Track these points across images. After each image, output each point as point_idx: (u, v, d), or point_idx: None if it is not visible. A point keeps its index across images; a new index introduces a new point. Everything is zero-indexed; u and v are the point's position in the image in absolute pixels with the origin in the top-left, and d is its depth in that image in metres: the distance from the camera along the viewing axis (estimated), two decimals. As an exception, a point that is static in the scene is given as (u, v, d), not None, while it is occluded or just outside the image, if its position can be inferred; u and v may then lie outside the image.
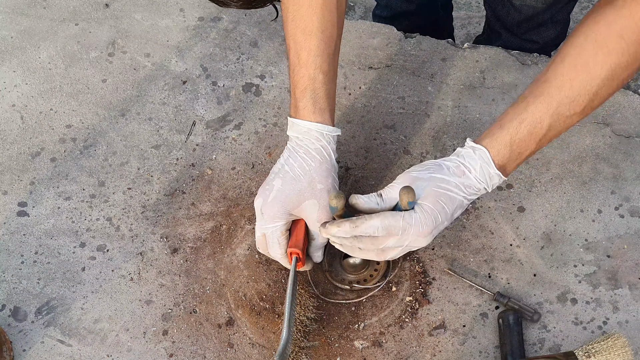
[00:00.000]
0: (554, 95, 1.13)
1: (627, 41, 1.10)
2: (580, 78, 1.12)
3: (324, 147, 1.23)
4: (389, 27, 1.59)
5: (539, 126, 1.14)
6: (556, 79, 1.13)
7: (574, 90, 1.13)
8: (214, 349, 1.26)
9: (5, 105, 1.51)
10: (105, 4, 1.64)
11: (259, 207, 1.22)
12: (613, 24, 1.11)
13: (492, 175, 1.15)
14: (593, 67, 1.12)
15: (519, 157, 1.16)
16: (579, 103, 1.13)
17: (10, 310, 1.30)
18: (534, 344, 1.25)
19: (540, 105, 1.14)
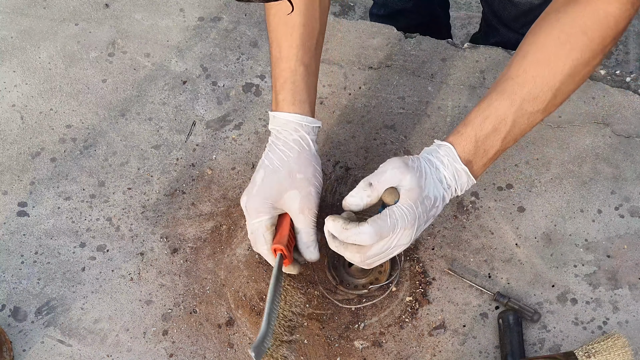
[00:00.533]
0: (517, 91, 1.13)
1: (590, 37, 1.10)
2: (543, 74, 1.12)
3: (302, 138, 1.23)
4: (389, 27, 1.59)
5: (502, 123, 1.13)
6: (519, 76, 1.13)
7: (537, 86, 1.12)
8: (214, 349, 1.26)
9: (5, 105, 1.51)
10: (105, 4, 1.64)
11: (244, 204, 1.23)
12: (577, 20, 1.10)
13: (459, 172, 1.14)
14: (555, 64, 1.11)
15: (485, 155, 1.15)
16: (542, 100, 1.13)
17: (10, 310, 1.30)
18: (534, 344, 1.25)
19: (503, 102, 1.13)
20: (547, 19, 1.13)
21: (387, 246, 1.12)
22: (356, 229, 1.10)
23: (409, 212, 1.11)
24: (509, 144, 1.16)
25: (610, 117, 1.45)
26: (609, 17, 1.09)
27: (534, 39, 1.13)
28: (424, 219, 1.13)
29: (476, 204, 1.37)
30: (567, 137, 1.44)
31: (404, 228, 1.11)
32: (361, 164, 1.43)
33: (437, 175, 1.14)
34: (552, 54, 1.12)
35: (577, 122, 1.45)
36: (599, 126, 1.44)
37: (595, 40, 1.10)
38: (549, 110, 1.15)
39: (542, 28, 1.13)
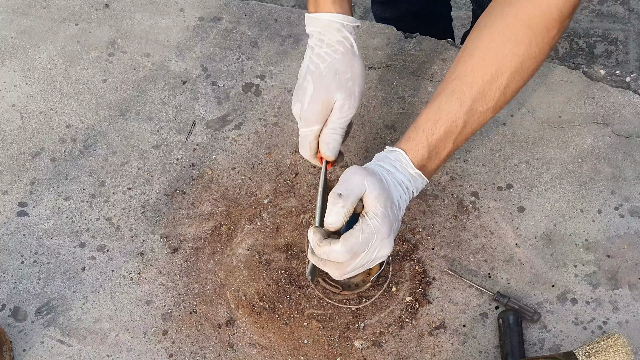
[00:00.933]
0: (466, 92, 1.12)
1: (535, 30, 1.09)
2: (490, 72, 1.11)
3: (345, 38, 1.21)
4: (389, 27, 1.59)
5: (454, 125, 1.13)
6: (467, 75, 1.12)
7: (485, 85, 1.11)
8: (214, 349, 1.26)
9: (5, 105, 1.51)
10: (105, 4, 1.64)
11: (297, 114, 1.23)
12: (520, 14, 1.09)
13: (414, 176, 1.14)
14: (502, 60, 1.10)
15: (437, 157, 1.15)
16: (491, 98, 1.12)
17: (10, 310, 1.30)
18: (534, 344, 1.25)
19: (453, 103, 1.12)
20: (492, 13, 1.12)
21: (366, 259, 1.09)
22: (328, 247, 1.07)
23: (382, 222, 1.08)
24: (461, 143, 1.16)
25: (610, 117, 1.45)
26: (552, 8, 1.08)
27: (479, 34, 1.12)
28: (397, 226, 1.12)
29: (476, 204, 1.37)
30: (567, 137, 1.44)
31: (380, 239, 1.08)
32: (361, 163, 1.42)
33: (396, 179, 1.13)
34: (499, 50, 1.10)
35: (577, 122, 1.45)
36: (599, 126, 1.44)
37: (540, 33, 1.09)
38: (499, 107, 1.15)
39: (487, 23, 1.12)
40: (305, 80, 1.23)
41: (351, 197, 1.08)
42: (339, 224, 1.08)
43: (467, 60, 1.13)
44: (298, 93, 1.24)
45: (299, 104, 1.23)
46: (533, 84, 1.49)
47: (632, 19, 2.57)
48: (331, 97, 1.21)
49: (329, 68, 1.21)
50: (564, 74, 1.50)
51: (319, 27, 1.22)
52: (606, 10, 2.59)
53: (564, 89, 1.49)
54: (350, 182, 1.09)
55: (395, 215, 1.11)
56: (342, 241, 1.07)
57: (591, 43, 2.52)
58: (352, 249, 1.07)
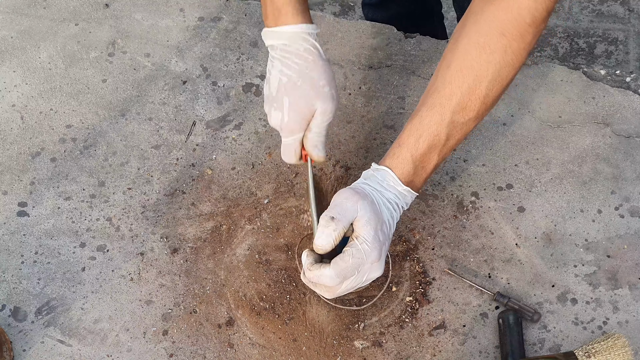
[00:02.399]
0: (446, 105, 1.12)
1: (509, 37, 1.08)
2: (468, 83, 1.11)
3: (312, 46, 1.22)
4: (389, 27, 1.59)
5: (437, 139, 1.13)
6: (445, 87, 1.12)
7: (464, 96, 1.11)
8: (214, 349, 1.26)
9: (5, 105, 1.51)
10: (105, 4, 1.64)
11: (277, 126, 1.24)
12: (493, 21, 1.08)
13: (402, 193, 1.14)
14: (478, 70, 1.10)
15: (424, 171, 1.15)
16: (472, 108, 1.12)
17: (10, 310, 1.30)
18: (534, 344, 1.25)
19: (434, 117, 1.12)
20: (467, 23, 1.12)
21: (356, 282, 1.11)
22: (318, 272, 1.09)
23: (372, 246, 1.09)
24: (447, 154, 1.17)
25: (610, 117, 1.45)
26: (524, 13, 1.07)
27: (455, 45, 1.12)
28: (387, 246, 1.13)
29: (476, 204, 1.37)
30: (567, 137, 1.44)
31: (370, 263, 1.10)
32: (361, 164, 1.43)
33: (385, 198, 1.13)
34: (474, 60, 1.10)
35: (577, 122, 1.45)
36: (599, 126, 1.44)
37: (515, 39, 1.08)
38: (481, 117, 1.15)
39: (462, 33, 1.12)
40: (279, 92, 1.23)
41: (343, 221, 1.09)
42: (329, 247, 1.10)
43: (445, 73, 1.13)
44: (274, 105, 1.23)
45: (279, 116, 1.23)
46: (533, 84, 1.49)
47: (632, 19, 2.57)
48: (311, 105, 1.22)
49: (302, 78, 1.21)
50: (564, 74, 1.50)
51: (283, 40, 1.22)
52: (606, 10, 2.59)
53: (564, 89, 1.49)
54: (344, 206, 1.10)
55: (387, 236, 1.12)
56: (332, 266, 1.09)
57: (591, 43, 2.52)
58: (342, 274, 1.09)
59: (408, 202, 1.16)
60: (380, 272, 1.12)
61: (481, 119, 1.15)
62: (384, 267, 1.12)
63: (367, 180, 1.15)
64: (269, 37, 1.24)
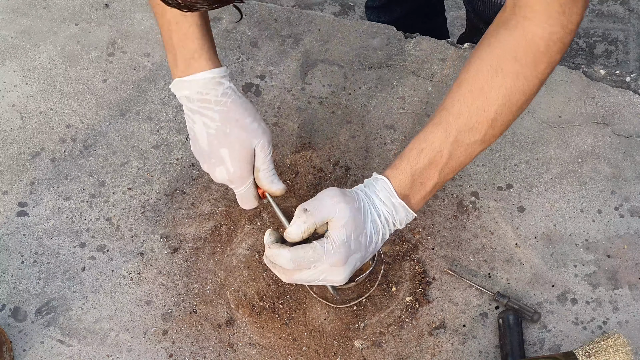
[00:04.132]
0: (452, 123, 1.10)
1: (522, 63, 1.07)
2: (477, 104, 1.09)
3: (229, 88, 1.22)
4: (389, 27, 1.59)
5: (438, 155, 1.11)
6: (454, 106, 1.11)
7: (472, 117, 1.10)
8: (214, 349, 1.26)
9: (5, 105, 1.51)
10: (105, 4, 1.64)
11: (224, 180, 1.24)
12: (507, 46, 1.08)
13: (396, 206, 1.12)
14: (489, 92, 1.09)
15: (422, 188, 1.13)
16: (478, 130, 1.11)
17: (10, 310, 1.30)
18: (534, 344, 1.25)
19: (438, 133, 1.11)
20: (482, 45, 1.11)
21: (313, 277, 1.09)
22: (277, 250, 1.09)
23: (337, 249, 1.07)
24: (448, 175, 1.14)
25: (610, 117, 1.45)
26: (538, 41, 1.06)
27: (469, 67, 1.11)
28: (360, 256, 1.10)
29: (476, 204, 1.37)
30: (567, 137, 1.44)
31: (330, 264, 1.07)
32: (361, 164, 1.43)
33: (375, 210, 1.11)
34: (485, 82, 1.09)
35: (577, 122, 1.45)
36: (599, 126, 1.44)
37: (527, 65, 1.07)
38: (488, 141, 1.13)
39: (476, 55, 1.11)
40: (212, 145, 1.22)
41: (315, 216, 1.08)
42: (297, 238, 1.09)
43: (455, 92, 1.11)
44: (212, 161, 1.23)
45: (222, 171, 1.22)
46: (533, 84, 1.49)
47: (632, 19, 2.57)
48: (249, 146, 1.22)
49: (229, 123, 1.21)
50: (564, 74, 1.50)
51: (198, 88, 1.21)
52: (606, 10, 2.59)
53: (564, 89, 1.49)
54: (322, 202, 1.09)
55: (362, 247, 1.10)
56: (291, 249, 1.08)
57: (591, 43, 2.53)
58: (297, 261, 1.07)
59: (402, 219, 1.13)
60: (341, 278, 1.09)
61: (488, 144, 1.13)
62: (348, 275, 1.09)
63: (366, 188, 1.14)
64: (180, 87, 1.22)
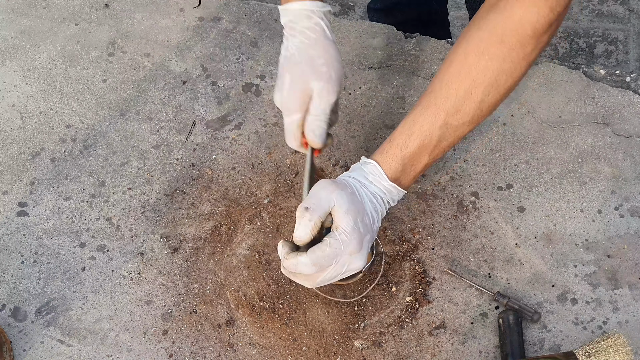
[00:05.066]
0: (441, 105, 1.11)
1: (508, 45, 1.08)
2: (464, 86, 1.10)
3: (316, 24, 1.21)
4: (389, 27, 1.59)
5: (428, 139, 1.12)
6: (442, 89, 1.11)
7: (459, 99, 1.11)
8: (214, 349, 1.26)
9: (5, 105, 1.51)
10: (105, 4, 1.64)
11: (279, 104, 1.23)
12: (495, 29, 1.08)
13: (388, 189, 1.13)
14: (476, 75, 1.10)
15: (412, 170, 1.14)
16: (466, 112, 1.12)
17: (10, 310, 1.30)
18: (534, 344, 1.25)
19: (428, 117, 1.12)
20: (471, 27, 1.12)
21: (336, 272, 1.10)
22: (295, 260, 1.09)
23: (351, 237, 1.08)
24: (438, 156, 1.16)
25: (610, 117, 1.45)
26: (525, 24, 1.07)
27: (457, 48, 1.12)
28: (369, 237, 1.12)
29: (476, 204, 1.37)
30: (567, 137, 1.44)
31: (349, 254, 1.09)
32: (361, 164, 1.43)
33: (369, 191, 1.13)
34: (472, 65, 1.10)
35: (577, 122, 1.45)
36: (599, 126, 1.44)
37: (514, 48, 1.08)
38: (476, 122, 1.14)
39: (464, 37, 1.12)
40: (283, 69, 1.22)
41: (318, 211, 1.08)
42: (307, 238, 1.09)
43: (444, 74, 1.12)
44: (277, 83, 1.23)
45: (279, 94, 1.23)
46: (533, 84, 1.49)
47: (632, 19, 2.57)
48: (307, 84, 1.20)
49: (302, 55, 1.21)
50: (564, 74, 1.50)
51: (290, 16, 1.22)
52: (606, 10, 2.59)
53: (564, 89, 1.49)
54: (318, 196, 1.10)
55: (369, 228, 1.11)
56: (308, 254, 1.08)
57: (591, 43, 2.53)
58: (318, 262, 1.08)
59: (395, 198, 1.15)
60: (361, 263, 1.11)
61: (476, 124, 1.15)
62: (365, 258, 1.11)
63: (352, 173, 1.14)
64: (281, 14, 1.24)
